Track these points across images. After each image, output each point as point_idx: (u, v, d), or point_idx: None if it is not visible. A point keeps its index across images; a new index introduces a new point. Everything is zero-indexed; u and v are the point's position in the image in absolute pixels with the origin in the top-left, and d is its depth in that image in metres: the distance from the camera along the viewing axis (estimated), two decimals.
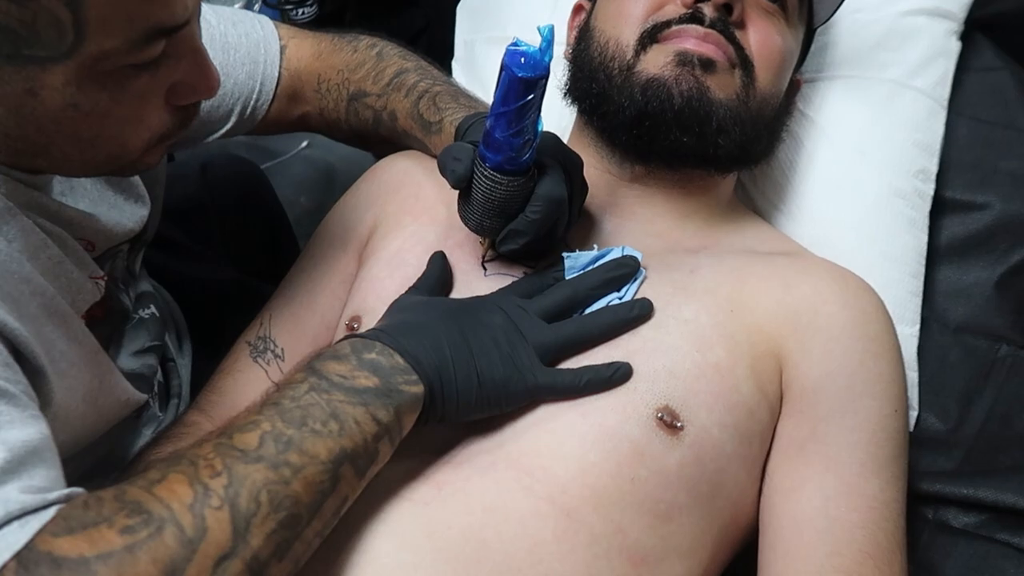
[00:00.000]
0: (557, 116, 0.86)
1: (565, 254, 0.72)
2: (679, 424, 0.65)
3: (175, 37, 0.53)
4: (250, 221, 1.12)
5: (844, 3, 0.85)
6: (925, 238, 0.89)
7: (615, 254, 0.72)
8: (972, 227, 0.91)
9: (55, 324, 0.61)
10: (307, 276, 0.83)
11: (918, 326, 0.86)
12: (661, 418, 0.64)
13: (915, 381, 0.84)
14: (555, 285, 0.70)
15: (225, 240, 1.07)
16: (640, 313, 0.68)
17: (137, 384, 0.73)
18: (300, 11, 1.62)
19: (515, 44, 0.61)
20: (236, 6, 1.31)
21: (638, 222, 0.78)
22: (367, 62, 0.86)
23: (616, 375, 0.65)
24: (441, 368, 0.61)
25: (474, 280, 0.73)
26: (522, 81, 0.61)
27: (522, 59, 0.61)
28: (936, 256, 0.91)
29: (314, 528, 0.55)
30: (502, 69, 0.62)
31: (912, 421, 0.83)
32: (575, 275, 0.71)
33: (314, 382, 0.59)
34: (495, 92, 0.63)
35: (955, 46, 0.95)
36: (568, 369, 0.66)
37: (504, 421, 0.65)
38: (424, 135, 0.81)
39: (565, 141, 0.76)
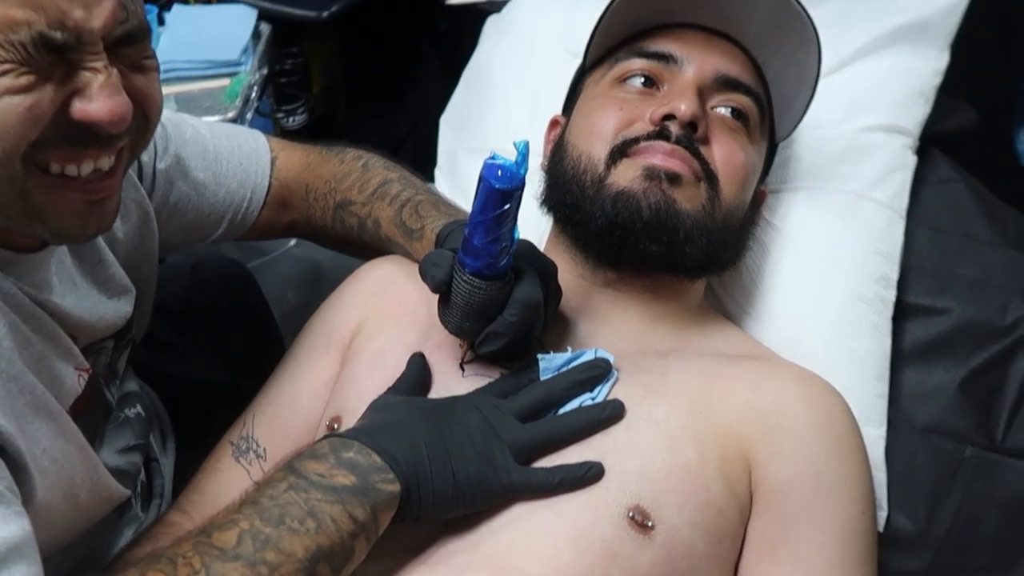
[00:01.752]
0: (535, 223, 0.89)
1: (540, 355, 0.74)
2: (650, 523, 0.66)
3: (77, 50, 0.53)
4: (238, 320, 1.14)
5: (804, 120, 0.90)
6: (888, 342, 0.91)
7: (588, 356, 0.74)
8: (933, 331, 0.93)
9: (42, 420, 0.62)
10: (291, 377, 0.85)
11: (885, 427, 0.87)
12: (632, 517, 0.66)
13: (883, 482, 0.85)
14: (530, 385, 0.72)
15: (213, 339, 1.09)
16: (612, 414, 0.71)
17: (121, 480, 0.74)
18: (291, 118, 1.69)
19: (492, 157, 0.65)
20: (229, 115, 1.37)
21: (611, 325, 0.81)
22: (353, 172, 0.90)
23: (588, 474, 0.67)
24: (417, 467, 0.63)
25: (452, 380, 0.75)
26: (499, 192, 0.65)
27: (499, 171, 0.64)
28: (901, 358, 0.93)
29: None
30: (480, 180, 0.65)
31: (881, 522, 0.84)
32: (549, 376, 0.73)
33: (293, 480, 0.60)
34: (474, 202, 0.67)
35: (911, 160, 1.00)
36: (542, 468, 0.68)
37: (480, 520, 0.66)
38: (406, 241, 0.85)
39: (542, 247, 0.79)
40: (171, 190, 0.83)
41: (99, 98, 0.55)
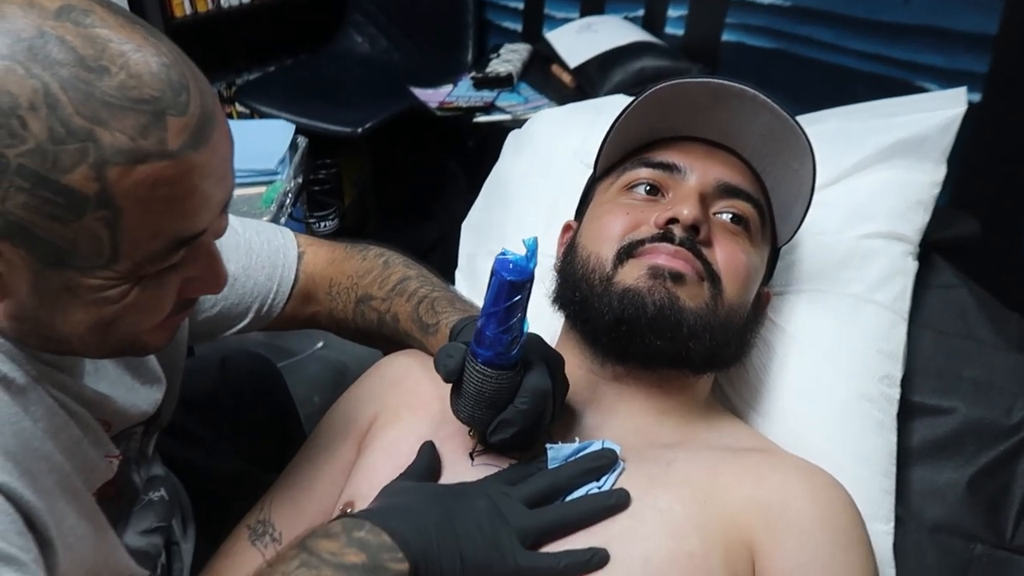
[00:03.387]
0: (548, 321, 0.92)
1: (548, 445, 0.77)
2: None
3: (194, 243, 0.60)
4: (263, 416, 1.17)
5: (806, 226, 0.94)
6: (894, 439, 0.93)
7: (595, 447, 0.77)
8: (940, 430, 0.95)
9: (67, 500, 0.65)
10: (309, 464, 0.88)
11: (892, 523, 0.88)
12: None
13: None
14: (538, 473, 0.75)
15: (237, 433, 1.12)
16: (617, 502, 0.72)
17: (141, 561, 0.76)
18: (323, 224, 1.77)
19: (503, 253, 0.69)
20: (264, 219, 1.44)
21: (618, 418, 0.83)
22: (374, 269, 0.95)
23: (593, 560, 0.68)
24: (426, 548, 0.65)
25: (462, 470, 0.77)
26: (510, 284, 0.69)
27: (510, 265, 0.69)
28: (910, 457, 0.94)
29: None
30: (492, 274, 0.69)
31: None
32: (557, 465, 0.76)
33: (305, 558, 0.63)
34: (486, 295, 0.71)
35: (912, 265, 1.03)
36: (548, 553, 0.69)
37: None
38: (422, 336, 0.89)
39: (554, 343, 0.82)
40: None
41: (212, 276, 0.64)
